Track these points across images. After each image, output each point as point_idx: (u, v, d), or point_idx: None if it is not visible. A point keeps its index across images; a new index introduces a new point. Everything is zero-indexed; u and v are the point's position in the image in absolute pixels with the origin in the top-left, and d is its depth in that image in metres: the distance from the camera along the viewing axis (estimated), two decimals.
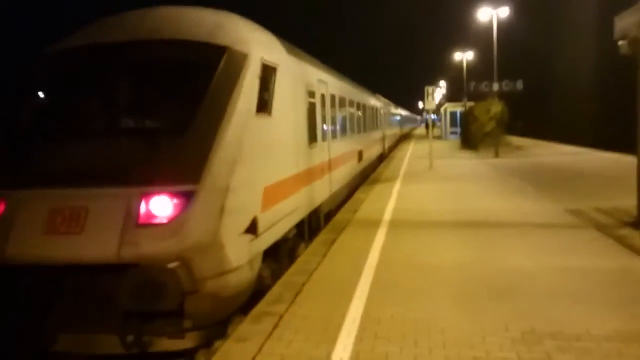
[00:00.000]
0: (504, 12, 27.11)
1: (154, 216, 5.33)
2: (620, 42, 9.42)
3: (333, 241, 8.88)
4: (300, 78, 9.13)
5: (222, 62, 6.32)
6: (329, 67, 13.12)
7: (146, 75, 6.75)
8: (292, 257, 8.28)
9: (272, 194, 6.97)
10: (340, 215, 11.25)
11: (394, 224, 10.12)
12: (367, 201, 13.08)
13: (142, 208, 5.32)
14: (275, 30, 8.46)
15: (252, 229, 6.15)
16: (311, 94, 9.92)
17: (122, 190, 5.40)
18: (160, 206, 5.40)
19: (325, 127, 11.08)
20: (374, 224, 10.13)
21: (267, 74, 7.11)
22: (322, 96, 11.01)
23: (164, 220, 5.33)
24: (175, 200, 5.41)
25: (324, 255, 7.97)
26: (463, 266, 7.16)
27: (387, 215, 10.99)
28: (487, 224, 10.01)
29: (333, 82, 12.57)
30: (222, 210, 5.56)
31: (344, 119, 14.08)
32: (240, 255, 5.86)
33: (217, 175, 5.63)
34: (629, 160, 20.78)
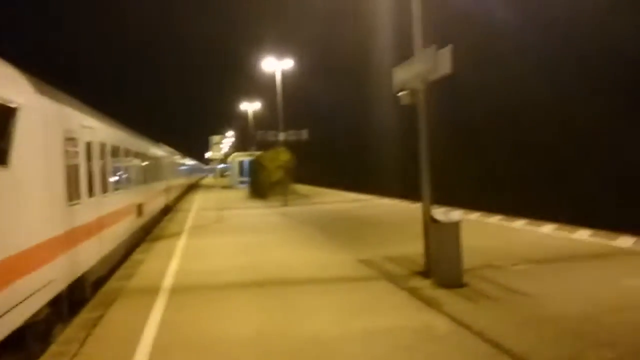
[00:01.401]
0: (288, 64, 27.83)
1: None
2: (400, 93, 9.56)
3: (98, 320, 7.19)
4: (57, 123, 7.53)
5: None
6: (99, 113, 11.46)
7: None
8: (46, 343, 6.54)
9: (9, 269, 5.32)
10: (111, 284, 9.45)
11: (178, 290, 8.76)
12: (147, 262, 11.46)
13: None
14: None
15: None
16: (72, 142, 8.32)
17: None
18: None
19: (92, 180, 9.44)
20: (153, 291, 8.64)
21: (1, 115, 5.51)
22: (88, 145, 9.41)
23: None
24: None
25: (83, 343, 6.28)
26: (261, 339, 6.13)
27: (169, 280, 9.57)
28: (283, 281, 9.21)
29: (103, 128, 10.94)
30: None
31: (118, 170, 12.41)
32: None
33: None
34: (407, 205, 22.19)
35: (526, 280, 8.46)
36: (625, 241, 11.38)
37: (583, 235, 12.44)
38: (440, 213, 8.70)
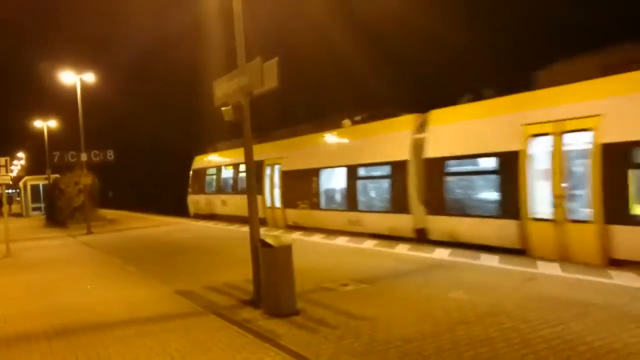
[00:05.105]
0: (89, 77, 25.16)
1: None
2: (223, 108, 8.82)
3: None
4: None
5: None
6: None
7: None
8: None
9: None
10: None
11: None
12: None
13: None
14: None
15: None
16: None
17: None
18: None
19: None
20: None
21: None
22: None
23: None
24: None
25: None
26: None
27: None
28: (86, 327, 7.76)
29: None
30: None
31: None
32: None
33: None
34: (223, 227, 21.29)
35: (360, 302, 8.19)
36: (441, 253, 11.88)
37: (402, 249, 12.76)
38: (271, 237, 8.08)
